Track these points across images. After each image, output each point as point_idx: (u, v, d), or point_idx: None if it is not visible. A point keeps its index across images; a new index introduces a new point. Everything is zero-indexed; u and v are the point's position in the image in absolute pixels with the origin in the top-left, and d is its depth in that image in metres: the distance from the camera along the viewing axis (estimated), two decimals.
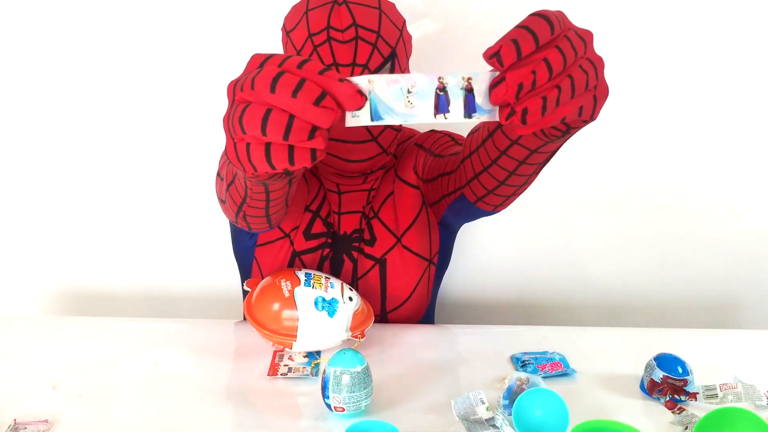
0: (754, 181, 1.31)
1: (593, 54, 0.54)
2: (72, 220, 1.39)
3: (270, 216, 0.78)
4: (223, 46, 1.25)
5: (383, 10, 0.87)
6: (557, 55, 0.50)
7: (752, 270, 1.38)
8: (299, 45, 0.86)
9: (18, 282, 1.45)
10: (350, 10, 0.84)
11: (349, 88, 0.48)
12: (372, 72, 0.84)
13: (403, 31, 0.90)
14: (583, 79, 0.52)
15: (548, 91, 0.50)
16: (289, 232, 0.97)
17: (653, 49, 1.22)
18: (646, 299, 1.42)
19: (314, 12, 0.85)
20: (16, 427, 0.71)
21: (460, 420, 0.72)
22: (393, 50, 0.87)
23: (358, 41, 0.83)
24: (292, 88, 0.47)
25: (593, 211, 1.35)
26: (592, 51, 0.54)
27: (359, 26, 0.83)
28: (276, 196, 0.71)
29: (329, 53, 0.83)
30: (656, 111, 1.26)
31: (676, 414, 0.74)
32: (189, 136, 1.31)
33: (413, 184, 0.99)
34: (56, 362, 0.85)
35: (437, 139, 1.00)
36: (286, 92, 0.47)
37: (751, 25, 1.20)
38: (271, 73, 0.48)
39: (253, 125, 0.49)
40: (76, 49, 1.26)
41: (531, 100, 0.50)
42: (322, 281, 0.87)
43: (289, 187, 0.70)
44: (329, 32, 0.83)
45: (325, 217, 0.98)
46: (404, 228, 0.98)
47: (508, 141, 0.72)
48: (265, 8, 1.21)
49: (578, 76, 0.52)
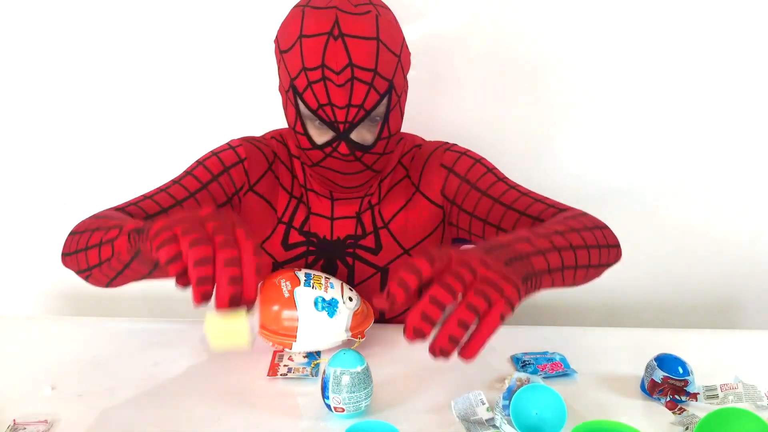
0: (754, 181, 1.31)
1: (485, 274, 0.57)
2: (72, 220, 1.39)
3: (112, 282, 0.79)
4: (222, 47, 1.25)
5: (381, 39, 0.82)
6: (443, 290, 0.55)
7: (752, 270, 1.38)
8: (293, 73, 0.83)
9: (18, 282, 1.45)
10: (346, 47, 0.80)
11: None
12: (368, 111, 0.83)
13: (402, 53, 0.86)
14: (482, 302, 0.56)
15: (454, 326, 0.55)
16: (262, 243, 0.96)
17: (653, 48, 1.22)
18: (646, 299, 1.42)
19: (309, 42, 0.81)
20: (16, 427, 0.70)
21: (460, 420, 0.72)
22: (390, 83, 0.84)
23: (354, 82, 0.81)
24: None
25: (593, 211, 1.35)
26: (483, 271, 0.57)
27: (355, 66, 0.80)
28: (136, 275, 0.74)
29: (324, 93, 0.82)
30: (656, 111, 1.26)
31: (677, 414, 0.74)
32: (188, 136, 1.31)
33: (438, 204, 0.97)
34: (56, 362, 0.85)
35: (481, 175, 0.93)
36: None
37: (752, 24, 1.20)
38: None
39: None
40: (76, 49, 1.26)
41: (446, 329, 0.55)
42: (322, 281, 0.87)
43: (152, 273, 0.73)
44: (324, 71, 0.80)
45: (300, 226, 0.97)
46: (415, 241, 0.98)
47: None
48: (263, 8, 1.21)
49: (476, 300, 0.56)
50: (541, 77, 1.24)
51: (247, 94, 1.28)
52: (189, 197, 0.89)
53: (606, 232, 0.83)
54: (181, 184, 0.91)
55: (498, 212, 0.90)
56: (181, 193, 0.89)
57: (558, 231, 0.73)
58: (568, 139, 1.29)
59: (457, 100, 1.27)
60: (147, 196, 0.89)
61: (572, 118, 1.27)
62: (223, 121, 1.30)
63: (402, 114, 0.90)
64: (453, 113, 1.27)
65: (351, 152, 0.86)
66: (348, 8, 0.81)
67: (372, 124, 0.86)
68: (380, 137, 0.87)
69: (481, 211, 0.92)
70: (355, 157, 0.87)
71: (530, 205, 0.88)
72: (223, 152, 0.95)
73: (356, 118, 0.83)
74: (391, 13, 0.87)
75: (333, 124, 0.84)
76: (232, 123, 1.30)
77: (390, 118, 0.87)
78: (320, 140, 0.87)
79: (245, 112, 1.29)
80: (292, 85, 0.84)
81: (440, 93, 1.24)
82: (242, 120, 1.29)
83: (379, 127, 0.87)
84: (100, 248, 0.74)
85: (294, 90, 0.84)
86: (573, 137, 1.29)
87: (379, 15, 0.83)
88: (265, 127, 1.11)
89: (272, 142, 1.00)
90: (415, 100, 1.00)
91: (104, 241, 0.73)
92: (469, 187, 0.93)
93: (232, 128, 1.29)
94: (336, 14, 0.80)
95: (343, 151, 0.85)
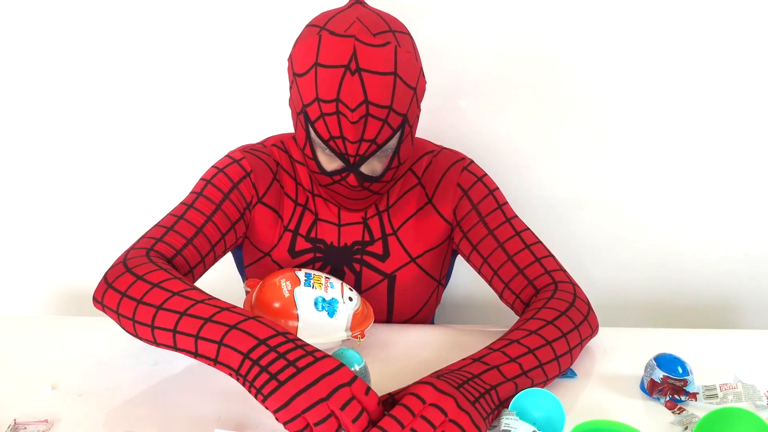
0: (754, 181, 1.31)
1: (456, 414, 0.62)
2: (72, 220, 1.39)
3: (146, 341, 0.74)
4: (223, 47, 1.25)
5: (399, 73, 0.80)
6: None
7: (752, 270, 1.38)
8: (306, 100, 0.81)
9: (18, 282, 1.45)
10: (363, 83, 0.78)
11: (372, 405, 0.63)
12: (380, 145, 0.82)
13: (418, 86, 0.85)
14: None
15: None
16: (269, 252, 0.97)
17: (654, 48, 1.22)
18: (646, 299, 1.42)
19: (324, 73, 0.79)
20: (16, 427, 0.70)
21: None
22: (404, 117, 0.83)
23: (368, 118, 0.80)
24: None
25: (593, 211, 1.35)
26: (455, 412, 0.62)
27: (370, 103, 0.79)
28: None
29: (337, 127, 0.80)
30: (656, 111, 1.26)
31: (676, 414, 0.74)
32: (188, 136, 1.31)
33: (449, 221, 0.97)
34: (56, 362, 0.85)
35: (491, 211, 0.94)
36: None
37: (754, 24, 1.20)
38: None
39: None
40: (76, 49, 1.26)
41: None
42: (322, 281, 0.87)
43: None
44: (338, 106, 0.79)
45: (306, 233, 0.97)
46: (423, 250, 0.98)
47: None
48: (265, 9, 1.21)
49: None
50: (541, 78, 1.24)
51: (249, 95, 1.28)
52: (207, 221, 0.88)
53: (580, 330, 0.82)
54: (196, 208, 0.89)
55: (499, 259, 0.91)
56: (199, 219, 0.88)
57: (519, 340, 0.76)
58: (569, 139, 1.29)
59: (456, 101, 1.27)
60: (167, 227, 0.86)
61: (572, 119, 1.27)
62: (224, 122, 1.30)
63: (413, 140, 0.90)
64: (452, 114, 1.27)
65: (359, 184, 0.86)
66: (367, 38, 0.79)
67: (383, 155, 0.86)
68: (389, 167, 0.87)
69: (484, 249, 0.93)
70: (362, 187, 0.87)
71: (529, 264, 0.89)
72: (228, 167, 0.93)
73: (367, 152, 0.83)
74: (410, 40, 0.85)
75: (343, 156, 0.84)
76: (233, 124, 1.30)
77: (401, 149, 0.87)
78: (329, 167, 0.87)
79: (247, 113, 1.29)
80: (304, 111, 0.83)
81: (439, 93, 1.24)
82: (243, 121, 1.29)
83: (389, 158, 0.87)
84: (175, 335, 0.70)
85: (306, 116, 0.83)
86: (573, 137, 1.29)
87: (398, 46, 0.81)
88: (266, 128, 1.11)
89: (273, 150, 0.99)
90: None
91: (194, 334, 0.68)
92: (478, 219, 0.94)
93: (232, 129, 1.30)
94: (354, 45, 0.78)
95: (352, 182, 0.86)
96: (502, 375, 0.71)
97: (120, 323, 0.75)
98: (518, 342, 0.76)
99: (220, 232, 0.89)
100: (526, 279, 0.89)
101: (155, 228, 0.87)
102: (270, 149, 0.99)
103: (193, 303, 0.71)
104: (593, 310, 0.86)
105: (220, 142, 1.12)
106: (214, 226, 0.88)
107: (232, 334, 0.66)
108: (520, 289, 0.90)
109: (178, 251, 0.84)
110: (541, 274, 0.89)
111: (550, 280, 0.88)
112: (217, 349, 0.66)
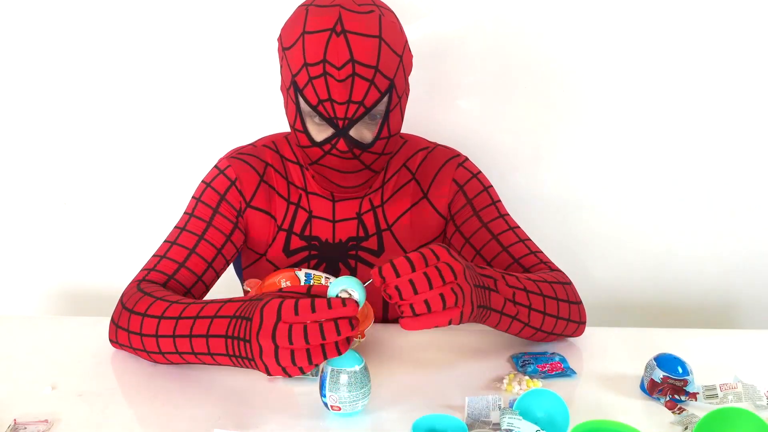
0: (754, 181, 1.31)
1: (463, 282, 0.70)
2: (72, 220, 1.40)
3: (157, 361, 0.83)
4: (222, 47, 1.25)
5: (383, 38, 0.83)
6: (422, 278, 0.67)
7: (752, 270, 1.38)
8: (295, 69, 0.84)
9: (18, 282, 1.45)
10: (348, 43, 0.80)
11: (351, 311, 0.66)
12: (368, 108, 0.84)
13: (404, 55, 0.87)
14: (452, 297, 0.68)
15: (418, 302, 0.67)
16: (264, 252, 0.98)
17: (653, 49, 1.22)
18: (646, 299, 1.42)
19: (311, 38, 0.81)
20: (16, 427, 0.70)
21: (467, 419, 0.72)
22: (391, 81, 0.85)
23: (354, 78, 0.81)
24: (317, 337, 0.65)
25: (593, 212, 1.35)
26: (463, 280, 0.70)
27: (356, 62, 0.81)
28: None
29: (325, 89, 0.82)
30: (656, 112, 1.26)
31: (676, 414, 0.74)
32: (188, 136, 1.32)
33: (443, 215, 0.99)
34: (56, 362, 0.85)
35: (485, 206, 0.97)
36: (315, 336, 0.65)
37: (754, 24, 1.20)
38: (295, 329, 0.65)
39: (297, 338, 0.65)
40: (77, 49, 1.26)
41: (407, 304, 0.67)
42: (322, 281, 0.87)
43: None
44: (325, 66, 0.81)
45: (301, 231, 0.97)
46: (417, 245, 0.98)
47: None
48: (263, 8, 1.21)
49: (448, 294, 0.68)
50: (540, 79, 1.24)
51: (247, 95, 1.28)
52: (199, 241, 0.92)
53: (573, 308, 0.88)
54: (188, 230, 0.92)
55: (493, 250, 0.94)
56: (190, 241, 0.92)
57: (527, 289, 0.82)
58: (568, 139, 1.29)
59: (456, 100, 1.27)
60: (161, 255, 0.91)
61: (572, 119, 1.27)
62: (223, 122, 1.30)
63: (402, 116, 0.91)
64: (452, 114, 1.27)
65: (349, 149, 0.86)
66: (351, 6, 0.82)
67: (371, 122, 0.86)
68: (379, 137, 0.87)
69: (477, 241, 0.95)
70: (353, 155, 0.87)
71: (524, 255, 0.93)
72: (214, 180, 0.96)
73: (356, 115, 0.84)
74: (395, 16, 0.88)
75: (332, 120, 0.84)
76: (232, 124, 1.30)
77: (390, 118, 0.87)
78: (319, 137, 0.87)
79: (244, 113, 1.29)
80: (293, 82, 0.84)
81: (439, 94, 1.24)
82: (241, 120, 1.30)
83: (378, 126, 0.87)
84: (193, 355, 0.77)
85: (295, 86, 0.84)
86: (573, 137, 1.29)
87: (382, 15, 0.84)
88: (262, 127, 1.11)
89: (264, 150, 0.99)
90: (413, 100, 1.00)
91: (198, 353, 0.76)
92: (472, 212, 0.96)
93: (231, 129, 1.30)
94: (339, 12, 0.81)
95: (341, 148, 0.86)
96: (502, 305, 0.79)
97: (142, 356, 0.83)
98: (525, 290, 0.83)
99: (215, 249, 0.93)
100: (523, 267, 0.92)
101: (151, 258, 0.92)
102: (261, 150, 0.99)
103: (181, 310, 0.78)
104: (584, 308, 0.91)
105: (219, 142, 1.13)
106: (207, 244, 0.92)
107: (214, 324, 0.74)
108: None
109: (170, 276, 0.89)
110: (537, 263, 0.92)
111: (548, 269, 0.92)
112: (206, 343, 0.74)
